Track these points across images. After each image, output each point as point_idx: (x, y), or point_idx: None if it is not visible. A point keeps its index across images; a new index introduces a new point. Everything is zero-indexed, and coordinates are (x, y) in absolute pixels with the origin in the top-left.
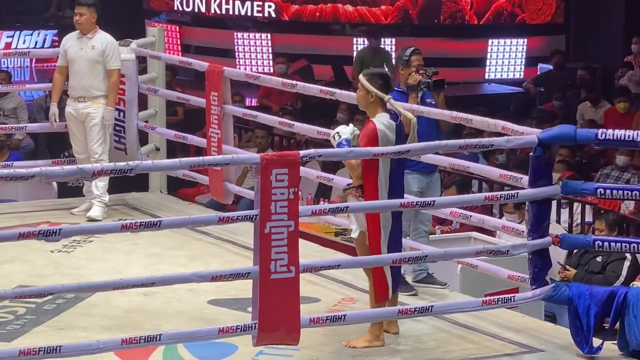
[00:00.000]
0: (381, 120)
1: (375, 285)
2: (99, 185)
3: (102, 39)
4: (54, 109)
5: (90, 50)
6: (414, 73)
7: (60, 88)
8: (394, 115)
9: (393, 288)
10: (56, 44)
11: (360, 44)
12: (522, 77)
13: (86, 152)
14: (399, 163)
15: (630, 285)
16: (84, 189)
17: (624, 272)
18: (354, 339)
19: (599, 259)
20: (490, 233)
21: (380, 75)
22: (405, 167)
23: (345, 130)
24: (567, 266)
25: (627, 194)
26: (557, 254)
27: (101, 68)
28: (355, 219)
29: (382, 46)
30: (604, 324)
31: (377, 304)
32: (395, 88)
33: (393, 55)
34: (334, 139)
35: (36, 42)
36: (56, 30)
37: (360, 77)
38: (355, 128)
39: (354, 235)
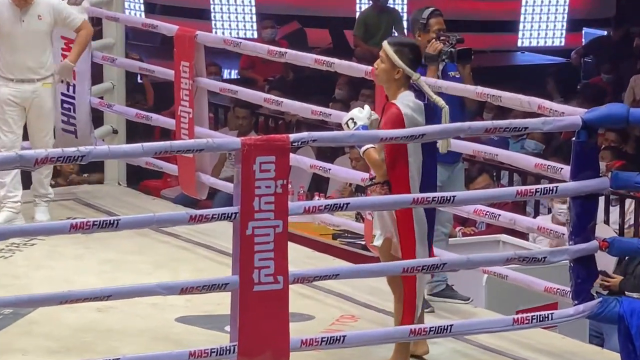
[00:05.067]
0: (406, 103)
1: (406, 302)
2: (45, 182)
3: (45, 3)
4: None
5: (37, 21)
6: (433, 40)
7: None
8: (419, 93)
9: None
10: None
11: (363, 3)
12: (562, 44)
13: (17, 146)
14: (431, 153)
15: None
16: (32, 187)
17: None
18: None
19: None
20: (523, 236)
21: (411, 48)
22: (437, 158)
23: (361, 115)
24: (610, 274)
25: None
26: (605, 263)
27: (49, 41)
28: (378, 222)
29: (391, 5)
30: None
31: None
32: None
33: (405, 17)
34: (348, 126)
35: None
36: None
37: (386, 45)
38: (372, 112)
39: (377, 243)
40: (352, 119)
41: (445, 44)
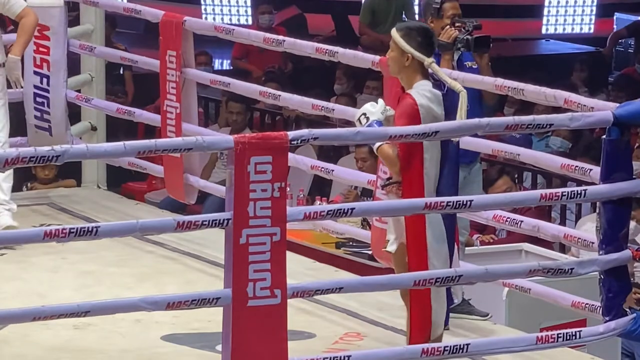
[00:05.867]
0: (422, 92)
1: (413, 318)
2: (4, 187)
3: None
4: None
5: None
6: (448, 27)
7: None
8: (438, 82)
9: (445, 321)
10: None
11: None
12: (591, 31)
13: None
14: (450, 150)
15: None
16: None
17: None
18: None
19: None
20: (548, 245)
21: (419, 31)
22: (459, 155)
23: (374, 110)
24: None
25: None
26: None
27: None
28: (393, 226)
29: None
30: None
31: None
32: None
33: (416, 2)
34: (360, 122)
35: None
36: None
37: (394, 32)
38: (388, 106)
39: (391, 249)
40: (365, 114)
41: (461, 30)
